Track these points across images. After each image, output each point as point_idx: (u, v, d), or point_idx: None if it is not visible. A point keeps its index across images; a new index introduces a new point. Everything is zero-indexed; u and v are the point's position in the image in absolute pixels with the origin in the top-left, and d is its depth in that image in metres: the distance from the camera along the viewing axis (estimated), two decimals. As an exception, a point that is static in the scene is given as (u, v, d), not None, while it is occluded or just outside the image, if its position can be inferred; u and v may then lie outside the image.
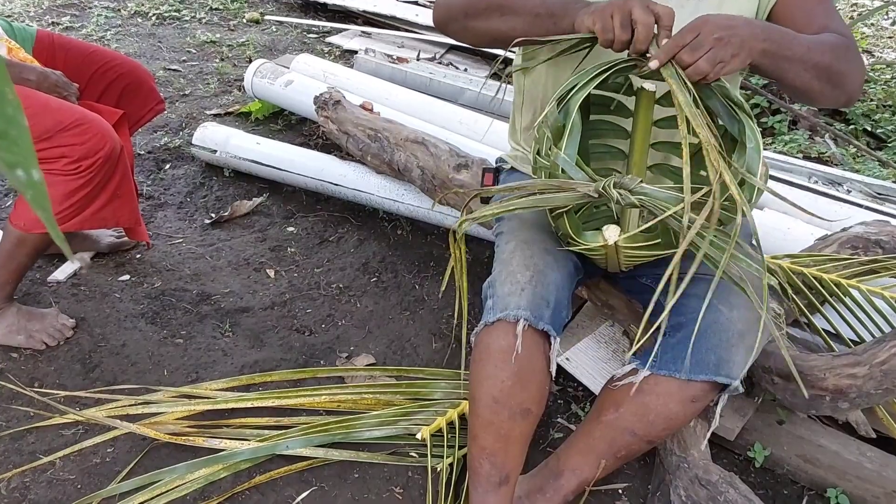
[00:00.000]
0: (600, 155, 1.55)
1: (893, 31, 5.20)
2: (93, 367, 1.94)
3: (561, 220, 1.33)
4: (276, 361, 2.00)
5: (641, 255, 1.35)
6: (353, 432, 1.73)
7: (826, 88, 1.36)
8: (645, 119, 1.38)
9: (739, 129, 1.26)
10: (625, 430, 1.45)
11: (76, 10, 4.55)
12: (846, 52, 1.37)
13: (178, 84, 3.66)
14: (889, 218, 2.13)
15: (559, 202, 1.26)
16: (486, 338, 1.40)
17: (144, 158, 2.96)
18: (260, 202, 2.72)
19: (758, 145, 1.23)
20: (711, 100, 1.32)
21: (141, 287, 2.24)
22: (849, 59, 1.37)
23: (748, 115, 1.26)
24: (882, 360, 1.48)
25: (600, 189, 1.22)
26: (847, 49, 1.38)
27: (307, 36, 4.51)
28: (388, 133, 2.45)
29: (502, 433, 1.41)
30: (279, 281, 2.34)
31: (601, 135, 1.54)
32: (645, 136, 1.39)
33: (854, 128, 3.54)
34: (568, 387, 1.97)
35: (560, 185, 1.25)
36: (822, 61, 1.32)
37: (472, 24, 1.47)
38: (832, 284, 1.76)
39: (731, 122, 1.30)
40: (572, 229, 1.31)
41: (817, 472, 1.69)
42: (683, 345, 1.37)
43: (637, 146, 1.39)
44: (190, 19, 4.62)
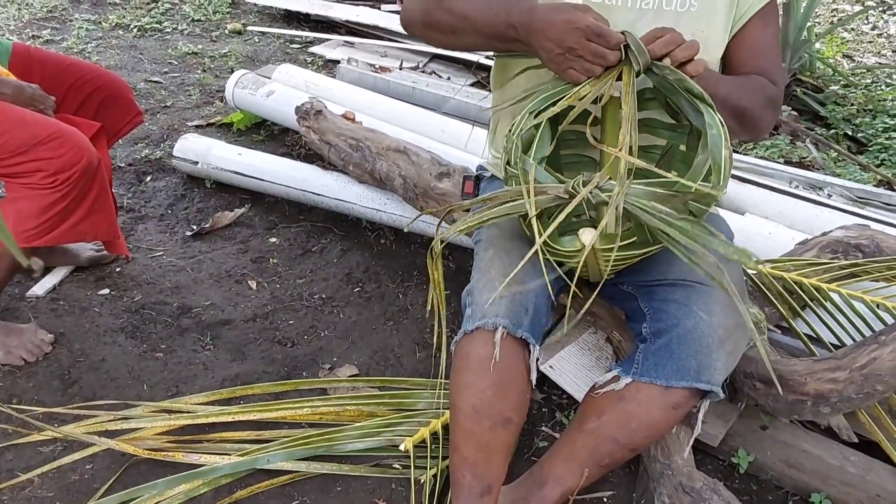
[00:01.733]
0: (572, 165, 1.55)
1: (873, 35, 5.24)
2: (72, 383, 1.92)
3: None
4: (258, 374, 1.99)
5: (621, 258, 1.34)
6: (335, 445, 1.72)
7: (737, 126, 1.46)
8: (612, 125, 1.39)
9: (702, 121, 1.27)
10: (608, 438, 1.44)
11: (57, 23, 4.52)
12: (768, 102, 1.47)
13: (159, 96, 3.65)
14: (869, 222, 2.13)
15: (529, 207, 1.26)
16: (465, 346, 1.39)
17: (125, 171, 2.94)
18: (242, 213, 2.71)
19: (719, 130, 1.24)
20: (675, 96, 1.33)
21: (121, 301, 2.22)
22: (768, 107, 1.47)
23: (709, 105, 1.27)
24: (862, 364, 1.48)
25: (569, 189, 1.22)
26: (770, 99, 1.48)
27: (290, 46, 4.50)
28: (369, 142, 2.44)
29: (483, 443, 1.40)
30: (261, 292, 2.32)
31: (572, 145, 1.54)
32: (614, 142, 1.39)
33: (835, 132, 3.56)
34: (552, 395, 1.96)
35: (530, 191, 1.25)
36: (740, 105, 1.42)
37: (432, 34, 1.49)
38: (812, 289, 1.76)
39: (696, 116, 1.30)
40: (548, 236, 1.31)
41: (801, 477, 1.69)
42: (664, 351, 1.37)
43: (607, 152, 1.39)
44: (172, 31, 4.61)
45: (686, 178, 1.23)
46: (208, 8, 4.99)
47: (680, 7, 1.46)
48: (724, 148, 1.23)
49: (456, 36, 1.44)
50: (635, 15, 1.44)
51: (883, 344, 1.50)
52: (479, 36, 1.40)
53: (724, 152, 1.23)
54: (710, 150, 1.23)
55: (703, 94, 1.29)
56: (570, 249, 1.30)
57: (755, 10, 1.49)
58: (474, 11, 1.39)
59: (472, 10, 1.39)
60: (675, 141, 1.49)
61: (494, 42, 1.39)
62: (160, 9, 4.90)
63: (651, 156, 1.55)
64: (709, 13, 1.46)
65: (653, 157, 1.55)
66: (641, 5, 1.45)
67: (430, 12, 1.45)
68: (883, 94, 3.98)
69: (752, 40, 1.51)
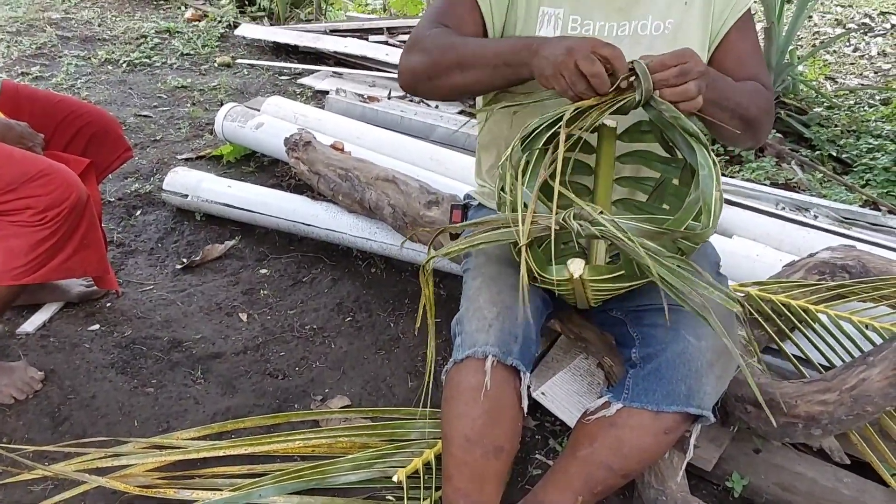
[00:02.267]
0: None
1: (855, 57, 5.31)
2: (62, 421, 1.91)
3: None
4: (249, 407, 1.98)
5: (608, 289, 1.35)
6: (327, 478, 1.71)
7: (744, 136, 1.47)
8: (608, 154, 1.40)
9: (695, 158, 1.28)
10: (600, 465, 1.44)
11: (46, 59, 4.55)
12: (767, 106, 1.50)
13: (149, 130, 3.66)
14: (855, 242, 2.15)
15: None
16: (455, 376, 1.39)
17: (115, 205, 2.94)
18: (232, 245, 2.71)
19: (710, 171, 1.25)
20: (671, 131, 1.34)
21: (111, 336, 2.22)
22: (768, 111, 1.50)
23: (702, 144, 1.29)
24: (851, 385, 1.49)
25: (561, 220, 1.23)
26: (768, 102, 1.50)
27: (279, 78, 4.53)
28: (358, 172, 2.45)
29: (476, 473, 1.40)
30: (252, 324, 2.32)
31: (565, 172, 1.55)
32: (608, 172, 1.41)
33: (820, 153, 3.59)
34: (545, 422, 1.96)
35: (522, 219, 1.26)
36: (749, 113, 1.44)
37: (437, 83, 1.48)
38: (800, 311, 1.77)
39: (691, 153, 1.32)
40: (536, 263, 1.31)
41: (795, 499, 1.68)
42: (654, 376, 1.37)
43: (601, 181, 1.41)
44: (161, 65, 4.64)
45: (677, 217, 1.25)
46: (197, 42, 5.03)
47: (655, 31, 1.49)
48: (715, 189, 1.25)
49: (462, 73, 1.43)
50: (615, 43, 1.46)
51: (871, 365, 1.50)
52: (487, 67, 1.40)
53: (715, 193, 1.25)
54: (700, 190, 1.24)
55: (698, 134, 1.30)
56: (558, 279, 1.31)
57: (731, 22, 1.52)
58: (484, 46, 1.43)
59: (480, 45, 1.43)
60: (669, 174, 1.50)
61: (502, 69, 1.39)
62: (149, 44, 4.93)
63: (644, 187, 1.56)
64: (682, 35, 1.50)
65: (646, 188, 1.56)
66: (618, 32, 1.49)
67: (436, 60, 1.46)
68: (866, 115, 4.03)
69: (736, 51, 1.54)
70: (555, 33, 1.48)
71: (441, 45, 1.45)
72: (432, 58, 1.46)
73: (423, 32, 1.50)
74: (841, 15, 6.27)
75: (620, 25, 1.49)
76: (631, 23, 1.49)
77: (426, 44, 1.47)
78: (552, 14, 1.49)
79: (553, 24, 1.49)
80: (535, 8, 1.50)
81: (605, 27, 1.49)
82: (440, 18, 1.52)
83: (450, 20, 1.52)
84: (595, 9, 1.48)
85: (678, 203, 1.42)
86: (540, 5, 1.49)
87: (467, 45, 1.44)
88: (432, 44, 1.46)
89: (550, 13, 1.49)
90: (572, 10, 1.48)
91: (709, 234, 1.25)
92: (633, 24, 1.49)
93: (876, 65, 5.19)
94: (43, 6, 5.62)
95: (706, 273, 1.20)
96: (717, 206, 1.25)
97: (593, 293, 1.36)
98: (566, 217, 1.22)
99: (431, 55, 1.46)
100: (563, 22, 1.49)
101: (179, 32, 5.23)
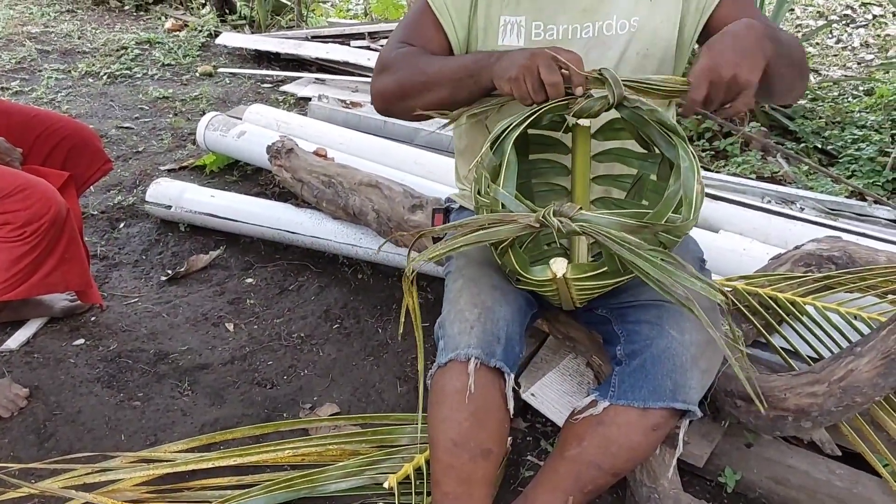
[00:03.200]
0: (544, 194, 1.56)
1: (838, 49, 5.32)
2: (48, 437, 1.89)
3: (507, 257, 1.32)
4: (238, 418, 1.96)
5: (592, 288, 1.34)
6: (318, 486, 1.69)
7: (799, 82, 1.41)
8: (583, 154, 1.40)
9: (674, 153, 1.27)
10: (590, 464, 1.43)
11: (26, 73, 4.52)
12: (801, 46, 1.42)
13: (130, 141, 3.64)
14: (842, 233, 2.15)
15: (503, 235, 1.26)
16: (440, 380, 1.39)
17: (98, 218, 2.92)
18: (217, 255, 2.69)
19: (692, 164, 1.25)
20: (647, 128, 1.34)
21: (96, 350, 2.20)
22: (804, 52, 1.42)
23: (681, 138, 1.28)
24: (840, 376, 1.48)
25: (541, 218, 1.22)
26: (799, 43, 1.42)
27: (261, 86, 4.52)
28: (341, 178, 2.44)
29: (464, 476, 1.39)
30: (239, 334, 2.30)
31: (542, 174, 1.55)
32: (584, 171, 1.40)
33: (805, 146, 3.60)
34: (536, 423, 1.95)
35: (501, 219, 1.25)
36: (794, 55, 1.35)
37: (409, 104, 1.50)
38: (788, 303, 1.77)
39: (669, 148, 1.31)
40: (519, 265, 1.31)
41: (789, 493, 1.68)
42: (639, 372, 1.37)
43: (577, 180, 1.40)
44: (142, 76, 4.61)
45: (657, 210, 1.24)
46: (178, 52, 5.01)
47: (620, 30, 1.48)
48: (696, 182, 1.24)
49: (430, 92, 1.46)
50: (579, 45, 1.46)
51: (859, 355, 1.50)
52: (452, 82, 1.42)
53: (696, 186, 1.24)
54: (682, 183, 1.24)
55: (676, 127, 1.30)
56: (541, 279, 1.30)
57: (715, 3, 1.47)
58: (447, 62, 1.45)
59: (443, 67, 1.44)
60: (646, 171, 1.50)
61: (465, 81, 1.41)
62: (130, 55, 4.91)
63: (621, 184, 1.56)
64: (649, 31, 1.48)
65: (623, 185, 1.56)
66: (582, 34, 1.48)
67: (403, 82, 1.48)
68: (850, 106, 4.04)
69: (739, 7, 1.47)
70: (518, 41, 1.48)
71: (407, 66, 1.48)
72: (400, 80, 1.49)
73: (389, 55, 1.53)
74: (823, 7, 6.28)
75: (584, 27, 1.48)
76: (595, 24, 1.48)
77: (393, 66, 1.50)
78: (514, 22, 1.48)
79: (516, 33, 1.48)
80: (495, 18, 1.49)
81: (568, 30, 1.48)
82: (407, 39, 1.55)
83: (416, 40, 1.55)
84: (558, 12, 1.47)
85: (657, 198, 1.42)
86: (500, 14, 1.49)
87: (432, 63, 1.46)
88: (399, 66, 1.49)
89: (512, 21, 1.48)
90: (534, 16, 1.48)
91: (689, 227, 1.24)
92: (598, 24, 1.48)
93: (859, 55, 5.21)
94: (22, 21, 5.59)
95: (689, 265, 1.19)
96: (698, 199, 1.24)
97: (578, 292, 1.35)
98: (546, 214, 1.22)
99: (399, 78, 1.49)
100: (525, 29, 1.48)
101: (160, 43, 5.20)
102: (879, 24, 5.73)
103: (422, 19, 1.55)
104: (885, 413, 1.58)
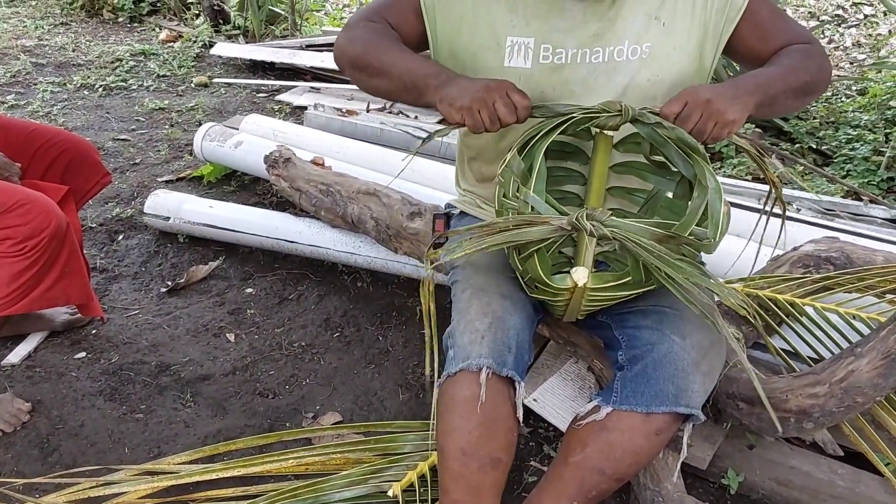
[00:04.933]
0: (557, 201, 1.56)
1: (830, 49, 5.35)
2: (51, 451, 1.89)
3: (531, 262, 1.32)
4: (241, 428, 1.96)
5: (604, 299, 1.36)
6: (322, 495, 1.69)
7: (807, 100, 1.47)
8: (602, 163, 1.40)
9: (696, 172, 1.29)
10: (593, 470, 1.43)
11: (21, 87, 4.52)
12: (812, 60, 1.44)
13: (127, 153, 3.64)
14: (838, 233, 2.16)
15: (533, 236, 1.26)
16: (450, 389, 1.39)
17: (96, 231, 2.92)
18: (216, 266, 2.70)
19: (718, 188, 1.27)
20: (666, 147, 1.35)
21: (98, 363, 2.20)
22: (817, 64, 1.44)
23: (703, 158, 1.30)
24: (840, 377, 1.49)
25: (573, 220, 1.23)
26: (812, 56, 1.45)
27: (257, 95, 4.52)
28: (339, 187, 2.45)
29: (473, 485, 1.39)
30: (240, 344, 2.30)
31: (558, 181, 1.55)
32: (602, 181, 1.41)
33: (800, 146, 3.61)
34: (539, 428, 1.95)
35: (533, 220, 1.26)
36: (799, 82, 1.40)
37: (358, 76, 1.54)
38: (787, 304, 1.78)
39: (687, 167, 1.32)
40: (543, 270, 1.31)
41: (791, 493, 1.68)
42: (641, 377, 1.37)
43: (594, 189, 1.41)
44: (137, 88, 4.62)
45: (682, 222, 1.26)
46: (173, 63, 5.01)
47: (632, 55, 1.46)
48: (722, 203, 1.26)
49: (379, 78, 1.49)
50: (587, 70, 1.46)
51: (860, 356, 1.51)
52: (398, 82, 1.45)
53: (723, 208, 1.26)
54: (709, 204, 1.26)
55: (697, 147, 1.31)
56: (559, 286, 1.31)
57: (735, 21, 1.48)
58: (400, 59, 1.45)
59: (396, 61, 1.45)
60: (662, 187, 1.50)
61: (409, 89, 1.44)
62: (125, 67, 4.91)
63: (634, 199, 1.56)
64: (662, 58, 1.47)
65: (636, 200, 1.56)
66: (591, 59, 1.46)
67: (357, 57, 1.51)
68: (844, 106, 4.06)
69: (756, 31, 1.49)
70: (526, 63, 1.46)
71: (369, 41, 1.49)
72: (357, 51, 1.50)
73: (358, 21, 1.54)
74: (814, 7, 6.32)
75: (594, 52, 1.45)
76: (605, 49, 1.45)
77: (358, 33, 1.51)
78: (521, 43, 1.46)
79: (523, 55, 1.46)
80: (503, 37, 1.47)
81: (577, 54, 1.46)
82: (382, 13, 1.55)
83: (392, 16, 1.55)
84: (567, 36, 1.45)
85: (669, 215, 1.43)
86: (508, 35, 1.47)
87: (389, 51, 1.47)
88: (363, 36, 1.50)
89: (520, 42, 1.46)
90: (543, 38, 1.46)
91: (714, 247, 1.26)
92: (609, 49, 1.45)
93: (851, 55, 5.24)
94: (16, 34, 5.59)
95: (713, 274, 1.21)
96: (725, 220, 1.27)
97: (588, 303, 1.35)
98: (579, 217, 1.23)
99: (357, 48, 1.50)
100: (533, 52, 1.46)
101: (155, 54, 5.21)
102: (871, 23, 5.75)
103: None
104: (887, 412, 1.59)
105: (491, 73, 1.46)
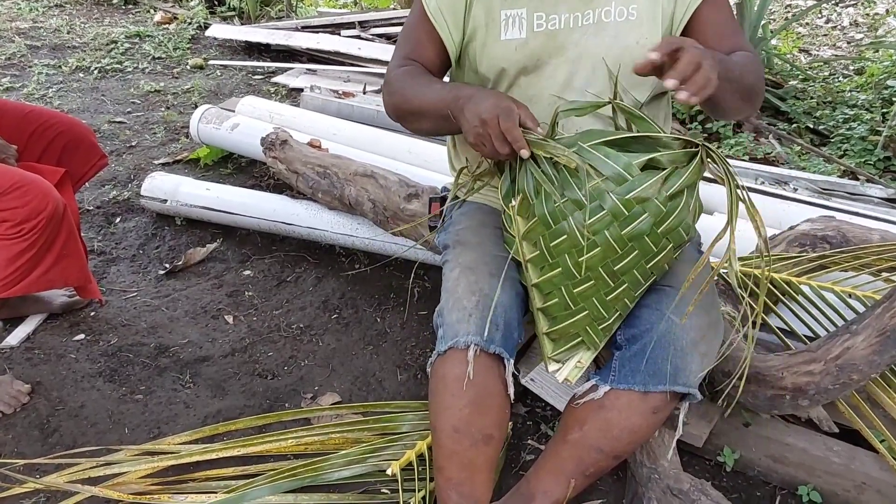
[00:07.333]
0: None
1: (828, 28, 5.33)
2: (51, 432, 1.89)
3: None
4: (240, 409, 1.97)
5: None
6: (321, 474, 1.71)
7: (746, 106, 1.45)
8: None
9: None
10: (591, 448, 1.44)
11: (16, 70, 4.50)
12: (759, 71, 1.45)
13: (123, 136, 3.63)
14: (835, 213, 2.16)
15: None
16: (440, 367, 1.40)
17: (94, 214, 2.92)
18: (214, 248, 2.70)
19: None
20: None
21: (97, 345, 2.20)
22: (760, 77, 1.45)
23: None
24: (836, 354, 1.50)
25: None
26: (759, 67, 1.46)
27: (252, 78, 4.51)
28: (336, 169, 2.44)
29: (466, 462, 1.40)
30: (238, 326, 2.31)
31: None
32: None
33: (797, 126, 3.61)
34: (536, 407, 1.96)
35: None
36: (747, 81, 1.40)
37: (409, 126, 1.57)
38: (783, 283, 1.79)
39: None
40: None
41: (787, 470, 1.70)
42: (639, 357, 1.38)
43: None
44: (133, 70, 4.60)
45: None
46: (168, 45, 4.99)
47: (619, 17, 1.47)
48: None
49: (421, 121, 1.52)
50: (579, 33, 1.46)
51: (855, 333, 1.51)
52: (434, 117, 1.46)
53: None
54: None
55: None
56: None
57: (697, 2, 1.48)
58: (427, 99, 1.46)
59: (425, 98, 1.46)
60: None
61: (443, 123, 1.44)
62: (120, 49, 4.89)
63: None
64: (649, 20, 1.47)
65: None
66: (583, 22, 1.47)
67: (398, 106, 1.54)
68: (841, 86, 4.05)
69: (713, 25, 1.48)
70: (521, 34, 1.48)
71: (400, 89, 1.52)
72: (396, 103, 1.54)
73: (391, 72, 1.57)
74: (811, -13, 6.29)
75: (585, 15, 1.47)
76: (595, 11, 1.47)
77: (393, 87, 1.55)
78: (515, 15, 1.48)
79: (518, 25, 1.48)
80: (497, 11, 1.49)
81: (570, 18, 1.47)
82: (408, 53, 1.58)
83: (414, 52, 1.58)
84: (559, 2, 1.47)
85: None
86: (501, 9, 1.48)
87: (417, 93, 1.49)
88: (395, 88, 1.53)
89: (513, 14, 1.48)
90: (535, 7, 1.47)
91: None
92: (597, 11, 1.47)
93: (848, 35, 5.23)
94: (10, 16, 5.55)
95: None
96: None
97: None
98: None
99: (396, 101, 1.54)
100: (527, 21, 1.47)
101: (150, 36, 5.18)
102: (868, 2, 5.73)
103: (418, 27, 1.56)
104: (882, 389, 1.60)
105: (490, 48, 1.50)
